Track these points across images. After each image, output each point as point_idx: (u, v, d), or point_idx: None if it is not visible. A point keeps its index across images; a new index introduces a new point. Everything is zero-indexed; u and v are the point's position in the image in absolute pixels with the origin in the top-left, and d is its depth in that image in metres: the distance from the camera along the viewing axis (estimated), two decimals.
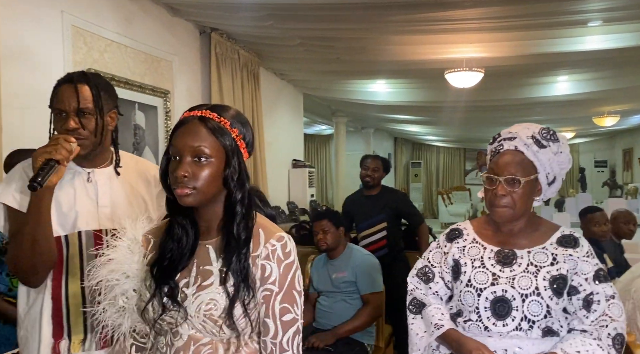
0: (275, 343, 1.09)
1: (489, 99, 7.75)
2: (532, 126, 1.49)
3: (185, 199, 1.07)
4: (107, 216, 1.44)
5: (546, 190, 1.51)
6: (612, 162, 15.02)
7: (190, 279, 1.11)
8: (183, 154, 1.07)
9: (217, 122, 1.09)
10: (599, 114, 9.40)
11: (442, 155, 16.71)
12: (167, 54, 4.08)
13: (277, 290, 1.09)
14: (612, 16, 4.12)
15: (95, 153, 1.45)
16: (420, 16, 4.14)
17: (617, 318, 1.41)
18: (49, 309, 1.39)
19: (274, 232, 1.12)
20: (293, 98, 7.20)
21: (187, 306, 1.08)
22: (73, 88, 1.37)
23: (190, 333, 1.09)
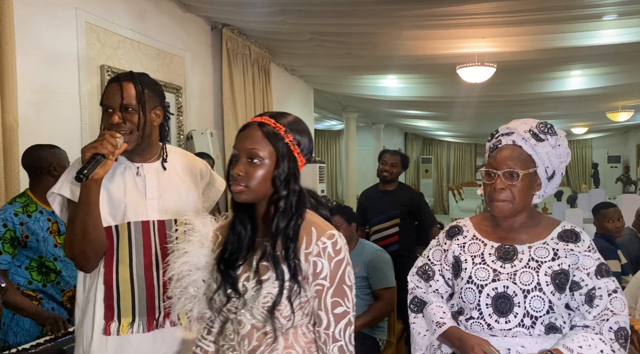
0: (328, 333, 1.17)
1: (501, 94, 7.69)
2: (530, 120, 1.49)
3: (238, 196, 1.18)
4: (154, 207, 1.54)
5: (546, 185, 1.50)
6: (626, 157, 14.84)
7: (250, 274, 1.20)
8: (240, 155, 1.19)
9: (272, 127, 1.19)
10: (613, 109, 9.29)
11: (452, 150, 16.61)
12: (179, 50, 4.10)
13: (329, 285, 1.16)
14: (628, 10, 4.06)
15: (143, 148, 1.54)
16: (432, 11, 4.11)
17: (620, 312, 1.39)
18: (101, 293, 1.49)
19: (325, 230, 1.19)
20: (304, 93, 7.20)
21: (248, 298, 1.18)
22: (119, 86, 1.48)
23: (252, 322, 1.19)
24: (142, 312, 1.50)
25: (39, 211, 2.18)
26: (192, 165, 1.66)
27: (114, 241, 1.49)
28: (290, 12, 4.10)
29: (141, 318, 1.49)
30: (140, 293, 1.50)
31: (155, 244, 1.52)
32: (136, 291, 1.49)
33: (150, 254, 1.51)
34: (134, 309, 1.49)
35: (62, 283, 2.22)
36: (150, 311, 1.51)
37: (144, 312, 1.50)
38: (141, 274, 1.50)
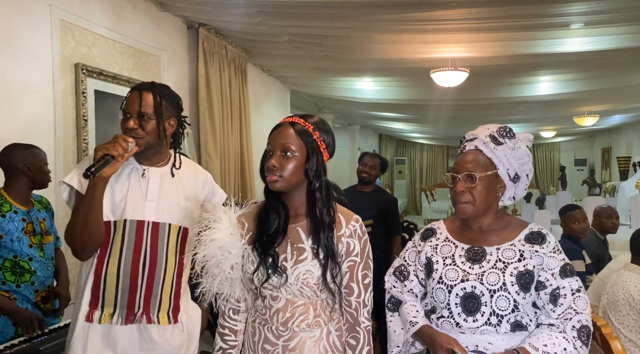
0: (359, 301, 1.38)
1: (474, 98, 7.85)
2: (492, 126, 1.57)
3: (273, 184, 1.35)
4: (152, 209, 1.62)
5: (512, 187, 1.56)
6: (592, 161, 15.33)
7: (287, 255, 1.37)
8: (274, 149, 1.36)
9: (302, 125, 1.37)
10: (579, 114, 9.59)
11: (425, 152, 16.86)
12: (155, 49, 4.07)
13: (359, 260, 1.38)
14: (593, 19, 4.23)
15: (152, 152, 1.65)
16: (407, 16, 4.19)
17: (582, 310, 1.45)
18: (90, 282, 1.60)
19: (351, 215, 1.41)
20: (280, 94, 7.21)
21: (289, 275, 1.34)
22: (139, 94, 1.59)
23: (288, 297, 1.36)
24: (123, 305, 1.58)
25: (14, 210, 2.15)
26: (196, 175, 1.76)
27: (111, 235, 1.58)
28: (267, 14, 4.12)
29: (121, 310, 1.58)
30: (124, 287, 1.58)
31: (147, 244, 1.60)
32: (120, 285, 1.58)
33: (140, 252, 1.59)
34: (116, 301, 1.58)
35: (36, 283, 2.20)
36: (130, 305, 1.58)
37: (125, 305, 1.58)
38: (128, 269, 1.58)
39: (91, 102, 3.28)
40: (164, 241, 1.63)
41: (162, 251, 1.63)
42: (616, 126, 12.50)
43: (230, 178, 5.00)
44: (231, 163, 5.02)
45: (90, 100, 3.27)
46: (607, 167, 13.86)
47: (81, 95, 3.19)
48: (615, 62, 5.69)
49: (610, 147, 13.70)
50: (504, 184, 1.55)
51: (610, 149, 13.69)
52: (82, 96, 3.19)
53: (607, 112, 9.58)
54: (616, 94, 7.70)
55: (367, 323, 1.40)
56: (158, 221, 1.62)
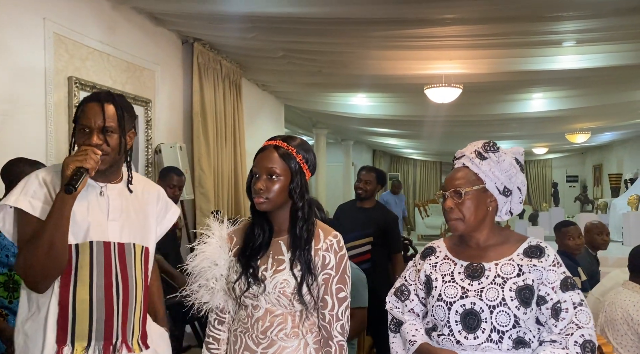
0: (333, 314, 1.44)
1: (467, 114, 7.90)
2: (478, 142, 1.58)
3: (260, 206, 1.45)
4: (115, 229, 1.51)
5: (505, 201, 1.55)
6: (583, 177, 15.44)
7: (268, 265, 1.46)
8: (260, 172, 1.45)
9: (286, 149, 1.46)
10: (571, 131, 9.68)
11: (419, 168, 16.91)
12: (150, 63, 4.06)
13: (334, 274, 1.44)
14: (585, 37, 4.28)
15: (112, 169, 1.54)
16: (402, 32, 4.22)
17: (585, 324, 1.43)
18: (54, 315, 1.42)
19: (330, 231, 1.49)
20: (274, 109, 7.22)
21: (267, 284, 1.43)
22: (100, 107, 1.47)
23: (267, 307, 1.44)
24: (99, 336, 1.44)
25: None
26: (150, 190, 1.67)
27: (72, 260, 1.43)
28: (262, 29, 4.13)
29: (97, 342, 1.44)
30: (99, 315, 1.44)
31: (116, 266, 1.48)
32: (95, 313, 1.43)
33: (111, 275, 1.47)
34: (91, 333, 1.43)
35: None
36: (107, 334, 1.45)
37: (101, 336, 1.44)
38: (101, 295, 1.44)
39: None
40: (132, 262, 1.52)
41: (132, 274, 1.51)
42: (607, 143, 12.62)
43: (224, 193, 4.97)
44: (224, 178, 4.98)
45: None
46: (599, 184, 13.95)
47: (74, 109, 3.16)
48: (606, 79, 5.76)
49: (602, 164, 13.81)
50: (494, 199, 1.54)
51: (602, 166, 13.80)
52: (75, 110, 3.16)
53: (599, 129, 9.67)
54: (607, 111, 7.78)
55: (340, 338, 1.45)
56: (123, 242, 1.50)
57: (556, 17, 3.84)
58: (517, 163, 1.56)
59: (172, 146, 4.16)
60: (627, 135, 11.05)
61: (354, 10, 3.71)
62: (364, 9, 3.71)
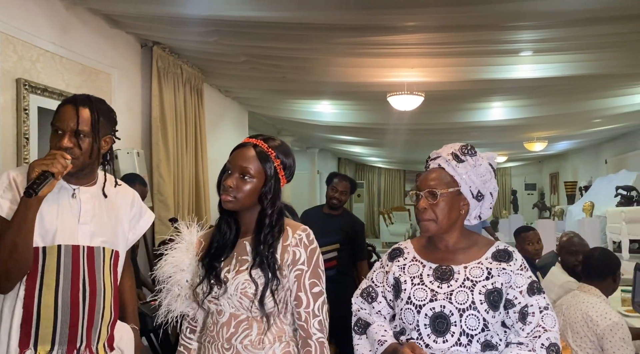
0: (308, 311, 1.37)
1: (429, 123, 8.02)
2: (455, 144, 1.58)
3: (226, 204, 1.39)
4: (86, 233, 1.50)
5: (476, 205, 1.56)
6: (541, 185, 15.94)
7: (231, 267, 1.40)
8: (233, 170, 1.39)
9: (265, 151, 1.39)
10: (529, 139, 9.97)
11: (383, 176, 17.09)
12: (106, 67, 3.92)
13: (306, 269, 1.38)
14: (542, 47, 4.40)
15: (85, 172, 1.53)
16: (365, 39, 4.24)
17: (551, 328, 1.45)
18: (18, 318, 1.44)
19: (298, 226, 1.44)
20: (238, 115, 7.12)
21: (228, 286, 1.36)
22: (74, 110, 1.47)
23: (231, 311, 1.37)
24: (63, 340, 1.44)
25: None
26: (125, 195, 1.67)
27: (39, 263, 1.44)
28: (223, 33, 4.06)
29: (61, 346, 1.44)
30: (63, 320, 1.43)
31: (84, 271, 1.47)
32: (59, 318, 1.44)
33: (78, 280, 1.46)
34: (54, 337, 1.43)
35: None
36: (71, 339, 1.44)
37: (65, 340, 1.43)
38: (67, 300, 1.44)
39: (34, 120, 3.09)
40: (100, 266, 1.52)
41: (100, 278, 1.52)
42: (563, 151, 13.07)
43: (185, 200, 4.83)
44: (185, 185, 4.86)
45: (32, 117, 3.08)
46: (556, 191, 14.43)
47: (22, 112, 3.00)
48: (562, 89, 5.95)
49: (558, 172, 14.29)
50: (467, 202, 1.54)
51: (558, 174, 14.28)
52: (23, 113, 3.01)
53: (555, 138, 10.00)
54: (563, 120, 8.05)
55: (320, 335, 1.37)
56: (92, 246, 1.51)
57: (514, 27, 3.94)
58: (491, 168, 1.56)
59: (129, 152, 4.02)
60: (581, 144, 11.48)
61: (316, 15, 3.70)
62: (326, 15, 3.70)
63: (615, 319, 2.24)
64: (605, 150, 10.77)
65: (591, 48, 4.40)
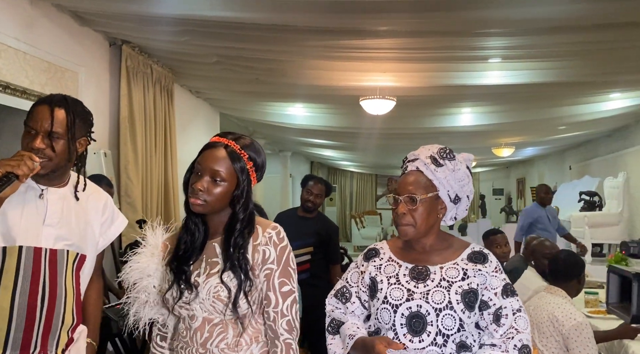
0: (277, 311, 1.34)
1: (400, 127, 8.10)
2: (433, 146, 1.57)
3: (195, 207, 1.34)
4: (50, 235, 1.44)
5: (452, 208, 1.57)
6: (508, 190, 16.31)
7: (201, 270, 1.35)
8: (204, 173, 1.33)
9: (237, 152, 1.34)
10: (497, 145, 10.18)
11: (355, 180, 17.19)
12: (73, 65, 3.82)
13: (276, 268, 1.35)
14: (510, 54, 4.50)
15: (57, 174, 1.48)
16: (338, 43, 4.25)
17: (523, 330, 1.47)
18: None
19: (268, 224, 1.40)
20: (209, 117, 7.04)
21: (200, 290, 1.32)
22: (49, 110, 1.42)
23: (204, 315, 1.33)
24: (16, 345, 1.38)
25: None
26: (97, 198, 1.63)
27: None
28: (195, 33, 4.01)
29: (13, 351, 1.38)
30: (18, 323, 1.38)
31: (45, 274, 1.42)
32: (14, 321, 1.38)
33: (38, 283, 1.41)
34: (7, 341, 1.38)
35: None
36: (25, 344, 1.39)
37: (18, 345, 1.38)
38: (24, 303, 1.38)
39: None
40: (63, 270, 1.47)
41: (62, 282, 1.47)
42: (529, 157, 13.41)
43: (153, 203, 4.74)
44: (154, 187, 4.76)
45: None
46: (522, 196, 14.78)
47: None
48: (529, 96, 6.10)
49: (525, 177, 14.65)
50: (444, 206, 1.54)
51: (525, 179, 14.64)
52: None
53: (522, 144, 10.24)
54: (530, 127, 8.26)
55: (287, 336, 1.34)
56: (56, 248, 1.46)
57: (483, 34, 4.02)
58: (469, 172, 1.57)
59: (95, 153, 3.92)
60: (547, 150, 11.80)
61: (290, 17, 3.69)
62: (300, 17, 3.69)
63: (579, 320, 2.30)
64: (569, 156, 11.10)
65: (557, 56, 4.53)
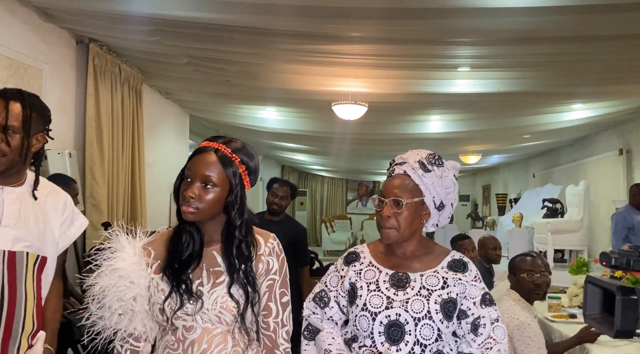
0: (277, 321, 1.34)
1: (372, 133, 8.16)
2: (422, 151, 1.57)
3: (187, 215, 1.27)
4: (7, 236, 1.38)
5: (436, 215, 1.56)
6: (474, 196, 16.62)
7: (203, 279, 1.30)
8: (194, 179, 1.27)
9: (229, 157, 1.29)
10: (465, 152, 10.37)
11: (326, 185, 17.22)
12: (36, 62, 3.70)
13: (278, 278, 1.36)
14: (478, 63, 4.60)
15: (12, 172, 1.42)
16: (310, 47, 4.26)
17: (501, 340, 1.47)
18: None
19: (268, 235, 1.39)
20: (179, 119, 6.93)
21: (204, 300, 1.27)
22: (3, 103, 1.38)
23: (204, 326, 1.27)
24: None
25: None
26: (56, 198, 1.56)
27: None
28: (166, 33, 3.94)
29: None
30: None
31: (3, 277, 1.36)
32: None
33: None
34: None
35: None
36: None
37: None
38: None
39: None
40: (22, 273, 1.41)
41: (21, 286, 1.40)
42: (495, 165, 13.72)
43: (119, 205, 4.62)
44: (120, 188, 4.65)
45: None
46: (488, 202, 15.10)
47: None
48: (496, 105, 6.24)
49: (490, 184, 14.97)
50: (429, 212, 1.54)
51: (490, 186, 14.96)
52: None
53: (488, 151, 10.47)
54: (496, 135, 8.45)
55: (287, 345, 1.35)
56: (14, 250, 1.39)
57: (453, 42, 4.09)
58: (455, 180, 1.57)
59: (60, 152, 3.80)
60: (511, 158, 12.10)
61: (262, 20, 3.67)
62: (272, 20, 3.68)
63: (522, 319, 2.34)
64: (533, 164, 11.41)
65: (523, 67, 4.65)
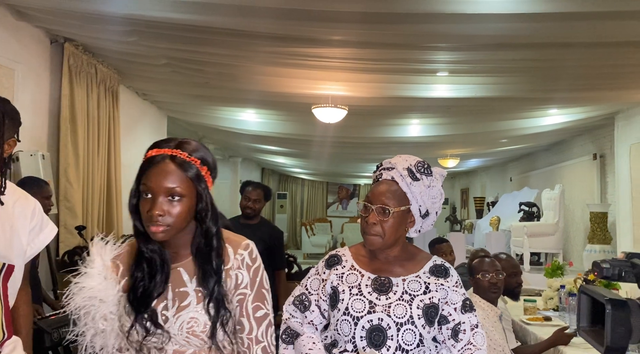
0: (251, 337, 1.23)
1: (352, 136, 8.19)
2: (410, 158, 1.54)
3: (158, 235, 1.15)
4: None
5: (420, 222, 1.55)
6: (452, 200, 16.80)
7: (168, 302, 1.20)
8: (157, 194, 1.14)
9: (187, 160, 1.17)
10: (443, 156, 10.48)
11: (306, 187, 17.19)
12: (8, 61, 3.61)
13: (249, 292, 1.23)
14: (456, 68, 4.66)
15: None
16: (290, 50, 4.25)
17: (480, 346, 1.47)
18: None
19: (239, 242, 1.26)
20: (156, 120, 6.84)
21: (170, 327, 1.18)
22: None
23: (174, 348, 1.19)
24: None
25: None
26: (24, 204, 1.49)
27: None
28: (144, 34, 3.89)
29: None
30: None
31: None
32: None
33: None
34: None
35: None
36: None
37: None
38: None
39: None
40: None
41: None
42: (473, 169, 13.90)
43: (94, 208, 4.53)
44: (96, 191, 4.56)
45: None
46: (466, 206, 15.28)
47: None
48: (474, 110, 6.33)
49: (468, 188, 15.17)
50: (413, 219, 1.53)
51: (468, 189, 15.16)
52: None
53: (466, 155, 10.60)
54: (473, 139, 8.57)
55: None
56: None
57: (431, 47, 4.13)
58: (442, 190, 1.56)
59: (33, 154, 3.71)
60: (489, 162, 12.28)
61: (242, 22, 3.65)
62: (252, 22, 3.66)
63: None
64: (510, 168, 11.59)
65: (500, 72, 4.73)
